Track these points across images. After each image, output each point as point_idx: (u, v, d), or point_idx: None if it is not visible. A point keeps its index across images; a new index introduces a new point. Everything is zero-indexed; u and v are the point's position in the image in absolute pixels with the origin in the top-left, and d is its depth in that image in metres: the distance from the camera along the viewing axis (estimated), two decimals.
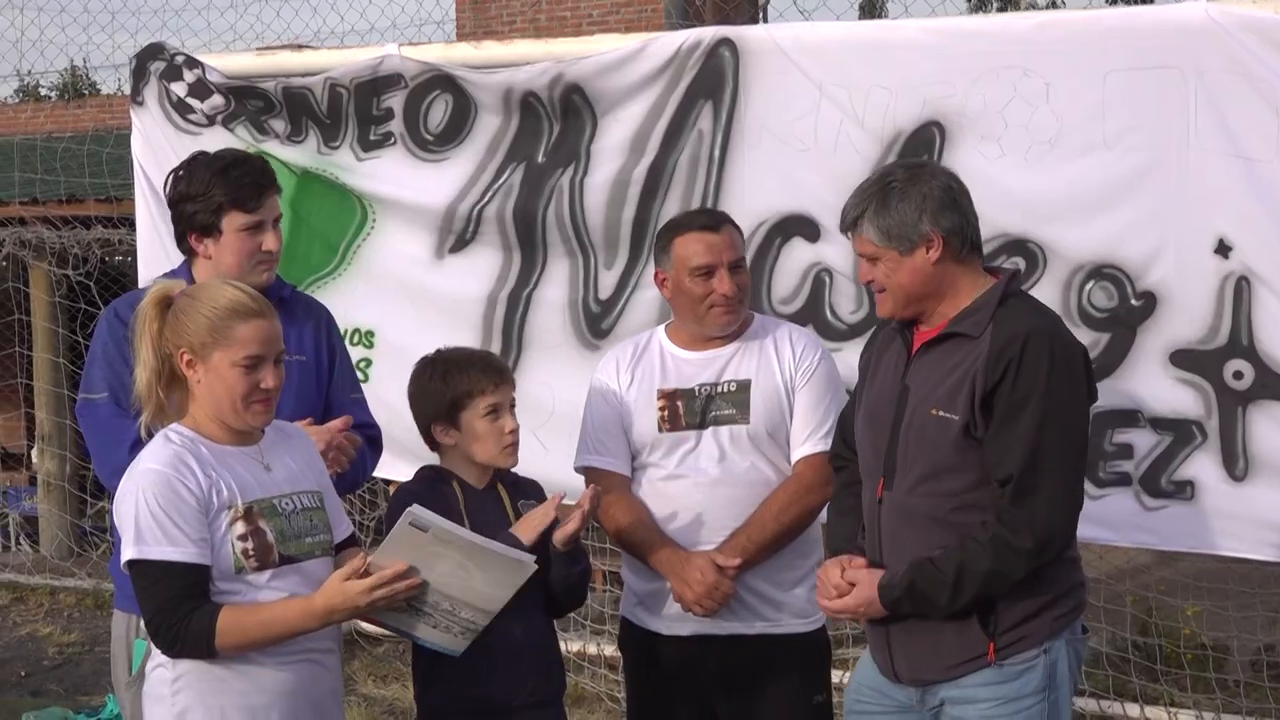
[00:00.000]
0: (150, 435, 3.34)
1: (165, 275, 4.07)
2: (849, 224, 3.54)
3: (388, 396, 5.74)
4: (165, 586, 3.14)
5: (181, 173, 3.99)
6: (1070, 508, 3.42)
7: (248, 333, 3.24)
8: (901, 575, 3.41)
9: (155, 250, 6.66)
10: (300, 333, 4.07)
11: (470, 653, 3.59)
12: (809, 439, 3.97)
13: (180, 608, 3.13)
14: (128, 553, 3.19)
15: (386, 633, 7.82)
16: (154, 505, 3.15)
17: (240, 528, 3.20)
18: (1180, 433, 5.04)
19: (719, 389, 3.99)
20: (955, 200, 3.49)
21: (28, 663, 8.49)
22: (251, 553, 3.20)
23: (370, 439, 4.17)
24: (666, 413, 4.00)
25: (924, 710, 3.55)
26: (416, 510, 3.20)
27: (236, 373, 3.24)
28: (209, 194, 3.88)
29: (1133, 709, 6.62)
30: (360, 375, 6.32)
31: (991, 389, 3.33)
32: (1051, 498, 3.35)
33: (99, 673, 8.06)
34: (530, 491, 3.95)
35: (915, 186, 3.46)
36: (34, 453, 11.86)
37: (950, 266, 3.48)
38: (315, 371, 4.11)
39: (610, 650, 7.43)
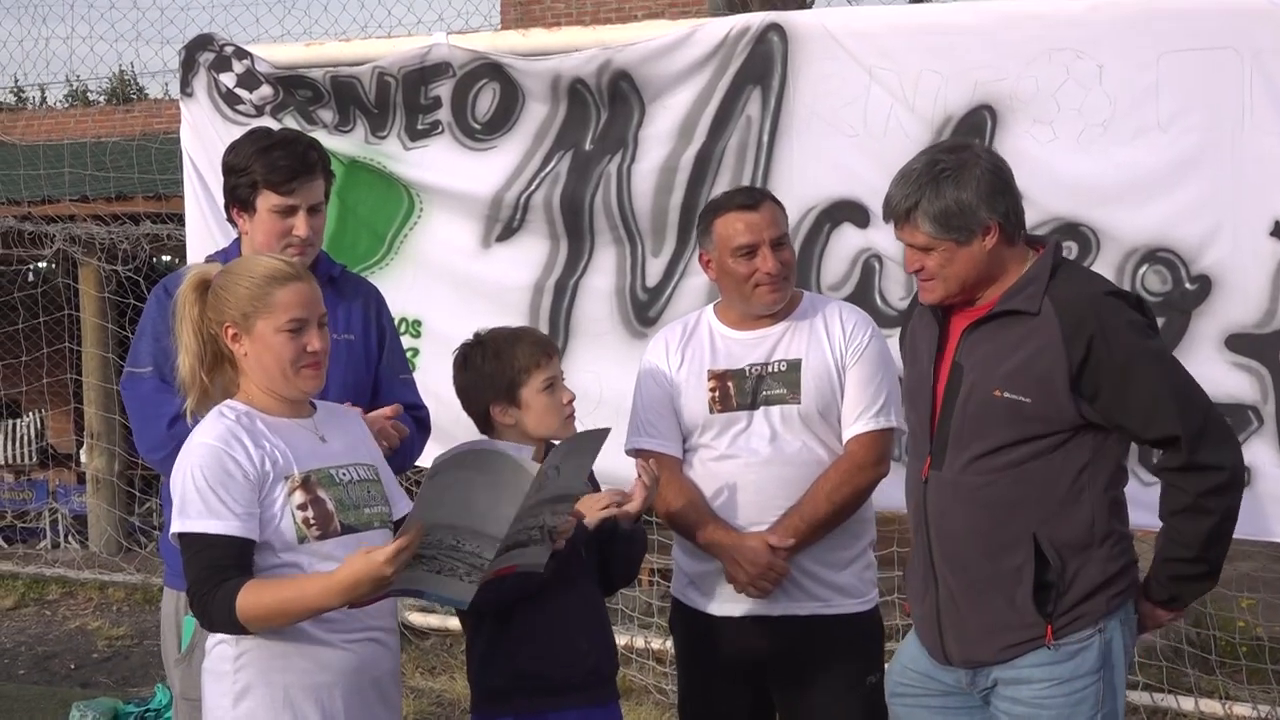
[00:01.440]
0: (196, 421, 3.30)
1: (215, 254, 4.08)
2: (900, 215, 3.43)
3: (435, 386, 5.71)
4: (203, 558, 3.10)
5: (235, 146, 4.03)
6: (1229, 425, 3.44)
7: (287, 297, 3.23)
8: (1159, 583, 3.42)
9: (204, 242, 6.67)
10: (349, 312, 4.07)
11: (529, 631, 3.62)
12: (860, 417, 3.92)
13: (211, 580, 3.08)
14: (173, 525, 3.18)
15: (433, 626, 7.91)
16: (199, 479, 3.12)
17: (299, 497, 3.16)
18: (1236, 418, 4.98)
19: (769, 369, 3.95)
20: (1006, 183, 3.41)
21: (77, 655, 8.54)
22: (313, 521, 3.16)
23: (418, 420, 4.15)
24: (717, 393, 3.97)
25: (974, 692, 3.50)
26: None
27: (282, 338, 3.22)
28: (248, 169, 3.90)
29: (1187, 702, 6.55)
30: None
31: (1079, 367, 3.25)
32: (1218, 427, 3.34)
33: (148, 665, 8.12)
34: None
35: (967, 171, 3.36)
36: (83, 452, 11.94)
37: (1002, 250, 3.41)
38: (364, 351, 4.10)
39: (658, 644, 7.41)
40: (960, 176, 3.36)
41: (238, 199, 3.95)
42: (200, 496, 3.11)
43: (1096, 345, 3.24)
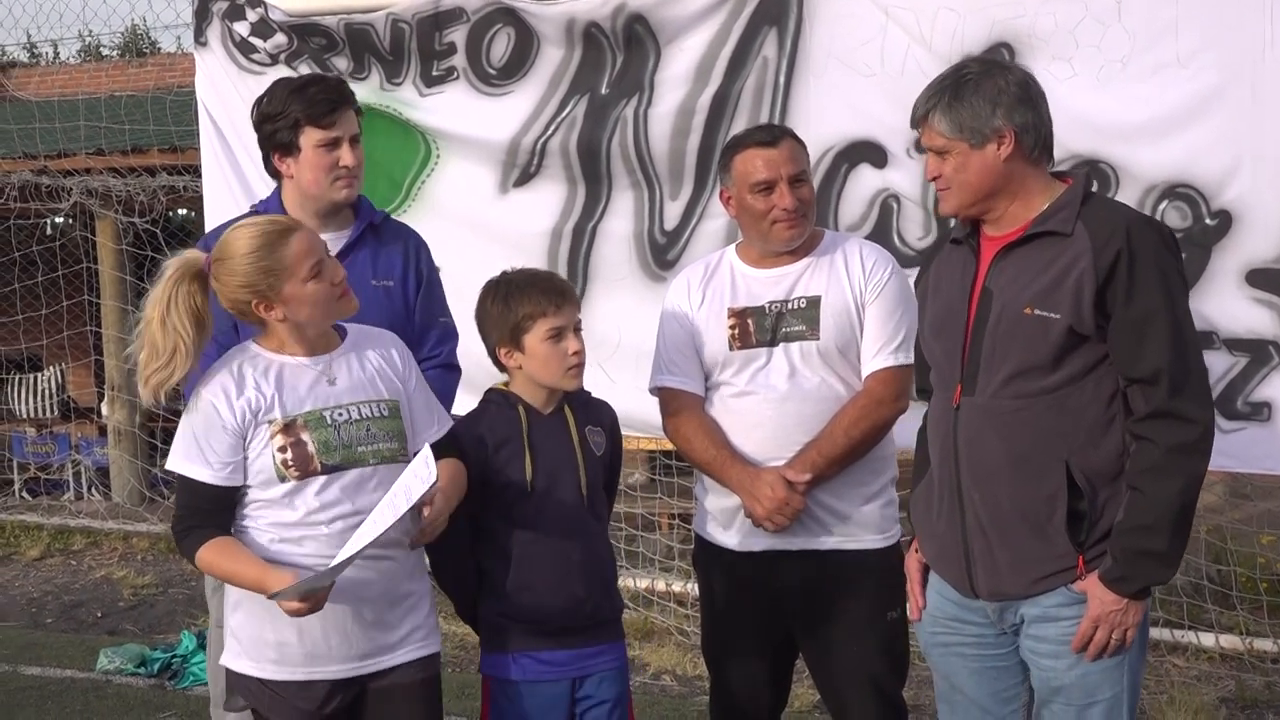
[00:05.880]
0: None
1: (256, 207, 4.14)
2: (919, 118, 3.42)
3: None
4: (184, 495, 3.41)
5: (264, 97, 4.09)
6: (1210, 390, 3.33)
7: (297, 248, 3.35)
8: (1114, 558, 3.25)
9: (220, 191, 6.71)
10: (389, 258, 4.15)
11: (524, 576, 3.72)
12: (880, 353, 3.92)
13: (187, 519, 3.39)
14: (169, 460, 3.45)
15: None
16: (187, 423, 3.40)
17: (280, 440, 3.35)
18: (1257, 354, 4.98)
19: (789, 305, 3.95)
20: (1031, 98, 3.35)
21: (104, 604, 8.61)
22: (291, 463, 3.35)
23: (445, 365, 4.19)
24: (737, 330, 3.97)
25: (1004, 626, 3.47)
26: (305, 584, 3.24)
27: (311, 287, 3.36)
28: (286, 112, 3.98)
29: (1208, 638, 6.57)
30: None
31: (1104, 283, 3.20)
32: (1201, 383, 3.25)
33: (173, 612, 8.19)
34: (600, 415, 3.93)
35: (990, 79, 3.33)
36: (104, 404, 11.99)
37: (1020, 166, 3.35)
38: (402, 296, 4.16)
39: (679, 587, 7.46)
40: (982, 83, 3.33)
41: (279, 144, 4.02)
42: (183, 439, 3.40)
43: (1121, 261, 3.19)
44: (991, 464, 3.36)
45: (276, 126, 4.00)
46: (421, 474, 3.27)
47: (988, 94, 3.31)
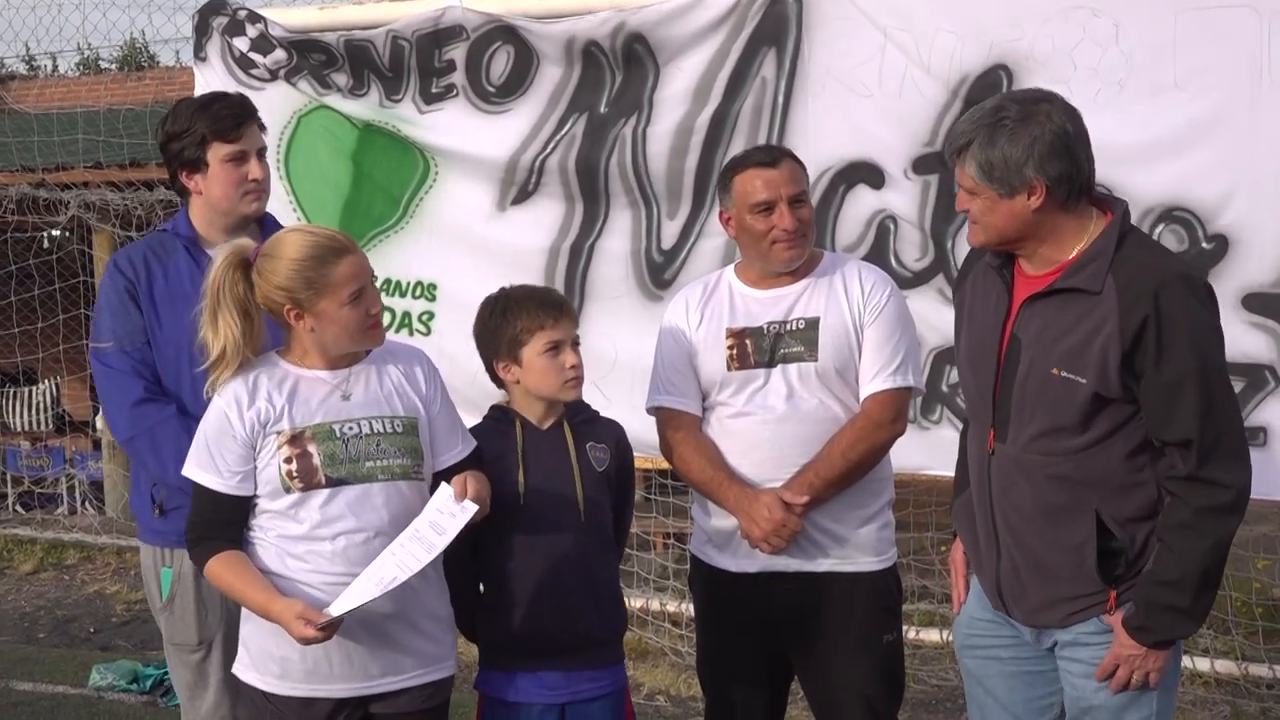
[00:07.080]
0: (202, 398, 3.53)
1: (164, 227, 4.14)
2: (954, 151, 3.34)
3: (450, 349, 5.78)
4: (197, 503, 3.46)
5: (168, 116, 4.12)
6: (1247, 446, 3.27)
7: (344, 271, 3.38)
8: (1136, 606, 3.26)
9: None
10: None
11: (520, 595, 3.72)
12: (878, 376, 3.91)
13: (198, 528, 3.45)
14: (184, 466, 3.50)
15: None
16: (204, 431, 3.44)
17: (287, 450, 3.38)
18: (1252, 378, 4.99)
19: (787, 327, 3.95)
20: (1068, 146, 3.21)
21: (97, 619, 8.59)
22: (295, 474, 3.37)
23: None
24: (735, 351, 3.97)
25: (1039, 646, 3.49)
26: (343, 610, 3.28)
27: (346, 311, 3.40)
28: (192, 129, 4.01)
29: (1203, 663, 6.56)
30: (423, 328, 6.41)
31: (1130, 348, 3.14)
32: (1234, 444, 3.20)
33: None
34: (605, 432, 3.93)
35: (1027, 127, 3.20)
36: (98, 418, 11.97)
37: (1052, 214, 3.26)
38: None
39: (673, 606, 7.45)
40: (1017, 131, 3.21)
41: (186, 161, 4.04)
42: (197, 448, 3.45)
43: (1148, 327, 3.12)
44: (1024, 512, 3.37)
45: (183, 144, 4.02)
46: (452, 509, 3.31)
47: (1022, 143, 3.20)
